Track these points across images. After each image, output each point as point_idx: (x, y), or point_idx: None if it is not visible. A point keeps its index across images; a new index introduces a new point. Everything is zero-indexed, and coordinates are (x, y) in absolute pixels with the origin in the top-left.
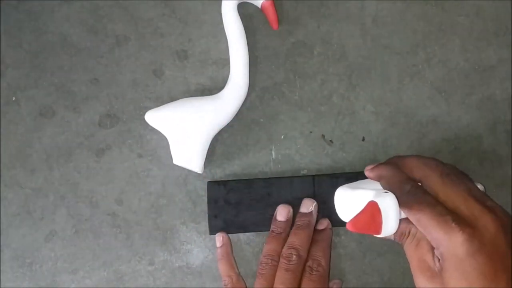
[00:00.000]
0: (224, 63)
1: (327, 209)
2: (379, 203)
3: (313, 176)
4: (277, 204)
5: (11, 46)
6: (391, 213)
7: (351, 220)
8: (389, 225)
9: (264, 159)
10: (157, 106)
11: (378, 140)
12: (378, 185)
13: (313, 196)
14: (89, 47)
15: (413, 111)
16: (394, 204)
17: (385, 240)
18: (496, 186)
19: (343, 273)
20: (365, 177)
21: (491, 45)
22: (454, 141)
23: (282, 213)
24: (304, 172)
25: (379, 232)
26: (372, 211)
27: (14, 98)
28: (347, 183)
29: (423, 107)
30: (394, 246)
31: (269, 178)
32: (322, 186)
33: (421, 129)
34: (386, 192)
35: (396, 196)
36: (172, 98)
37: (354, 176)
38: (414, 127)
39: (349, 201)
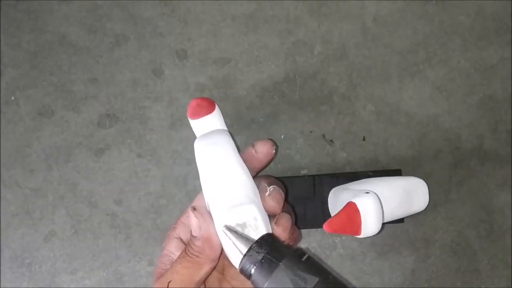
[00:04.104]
0: (224, 62)
1: (327, 209)
2: (357, 204)
3: (314, 176)
4: None
5: (10, 46)
6: (371, 213)
7: (328, 221)
8: (370, 225)
9: None
10: (157, 106)
11: (379, 140)
12: (374, 186)
13: (313, 196)
14: (88, 46)
15: (414, 110)
16: (374, 204)
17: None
18: (497, 186)
19: (343, 273)
20: (366, 177)
21: (492, 44)
22: (455, 140)
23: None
24: (305, 172)
25: (358, 232)
26: (348, 212)
27: (13, 98)
28: (347, 183)
29: (424, 106)
30: (394, 246)
31: None
32: (323, 186)
33: (422, 129)
34: (367, 192)
35: None
36: (172, 98)
37: (354, 176)
38: (415, 127)
39: (338, 202)
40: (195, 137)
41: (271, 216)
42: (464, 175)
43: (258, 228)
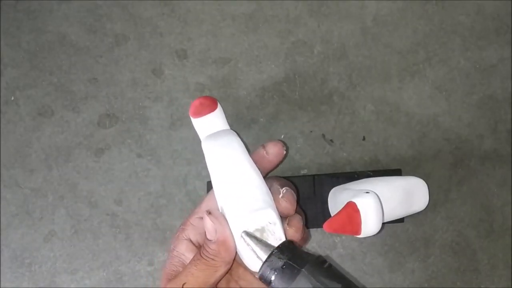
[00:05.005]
0: (224, 62)
1: (327, 209)
2: (358, 203)
3: (314, 175)
4: None
5: (10, 46)
6: (371, 213)
7: (328, 221)
8: (370, 225)
9: None
10: (157, 105)
11: (379, 140)
12: (374, 186)
13: (313, 196)
14: (88, 46)
15: (414, 110)
16: (374, 204)
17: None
18: (497, 186)
19: (343, 273)
20: (365, 177)
21: (492, 44)
22: (455, 140)
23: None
24: (305, 171)
25: (358, 232)
26: (348, 211)
27: (13, 98)
28: (347, 182)
29: (423, 106)
30: (394, 246)
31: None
32: (323, 185)
33: (422, 129)
34: (367, 192)
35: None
36: (171, 98)
37: (354, 175)
38: (415, 127)
39: (338, 202)
40: (195, 137)
41: (283, 217)
42: (464, 175)
43: (276, 233)
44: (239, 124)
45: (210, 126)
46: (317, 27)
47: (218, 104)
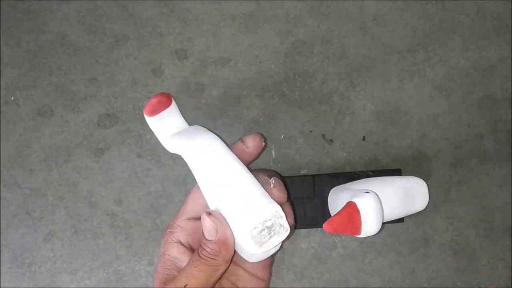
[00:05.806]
0: (224, 62)
1: (327, 209)
2: (357, 203)
3: (313, 175)
4: None
5: (10, 45)
6: (371, 213)
7: (328, 221)
8: (370, 225)
9: (264, 158)
10: None
11: (379, 140)
12: (374, 186)
13: (313, 196)
14: (88, 46)
15: (414, 110)
16: (374, 204)
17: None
18: (497, 186)
19: (343, 273)
20: (365, 177)
21: (492, 44)
22: (454, 140)
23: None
24: (304, 171)
25: (358, 232)
26: (348, 211)
27: (12, 98)
28: (347, 182)
29: (423, 106)
30: (394, 245)
31: None
32: (323, 185)
33: (422, 128)
34: (367, 192)
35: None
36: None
37: (354, 175)
38: (415, 127)
39: (338, 202)
40: None
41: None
42: (464, 175)
43: (283, 225)
44: (239, 124)
45: (169, 123)
46: (317, 27)
47: (172, 99)
